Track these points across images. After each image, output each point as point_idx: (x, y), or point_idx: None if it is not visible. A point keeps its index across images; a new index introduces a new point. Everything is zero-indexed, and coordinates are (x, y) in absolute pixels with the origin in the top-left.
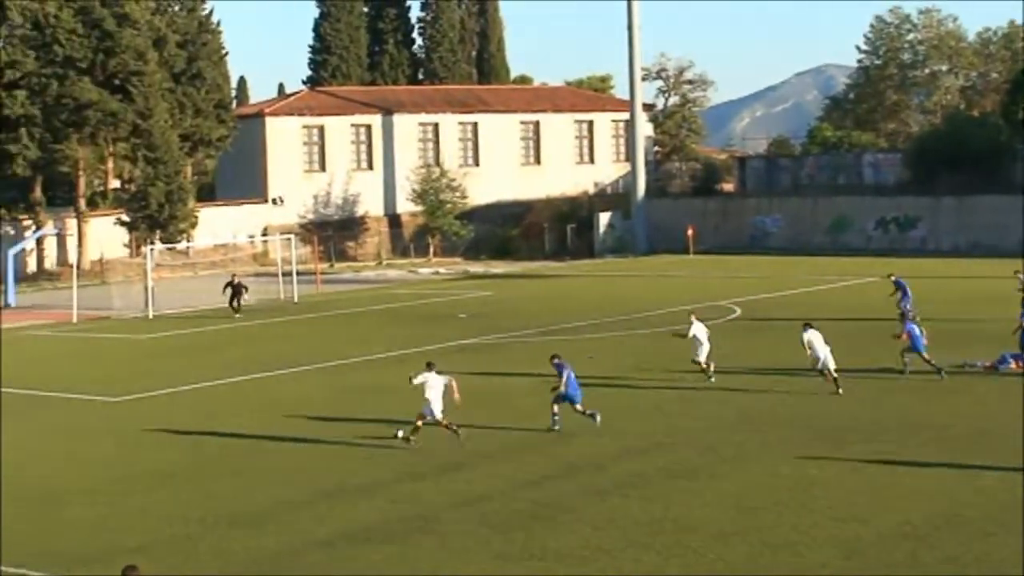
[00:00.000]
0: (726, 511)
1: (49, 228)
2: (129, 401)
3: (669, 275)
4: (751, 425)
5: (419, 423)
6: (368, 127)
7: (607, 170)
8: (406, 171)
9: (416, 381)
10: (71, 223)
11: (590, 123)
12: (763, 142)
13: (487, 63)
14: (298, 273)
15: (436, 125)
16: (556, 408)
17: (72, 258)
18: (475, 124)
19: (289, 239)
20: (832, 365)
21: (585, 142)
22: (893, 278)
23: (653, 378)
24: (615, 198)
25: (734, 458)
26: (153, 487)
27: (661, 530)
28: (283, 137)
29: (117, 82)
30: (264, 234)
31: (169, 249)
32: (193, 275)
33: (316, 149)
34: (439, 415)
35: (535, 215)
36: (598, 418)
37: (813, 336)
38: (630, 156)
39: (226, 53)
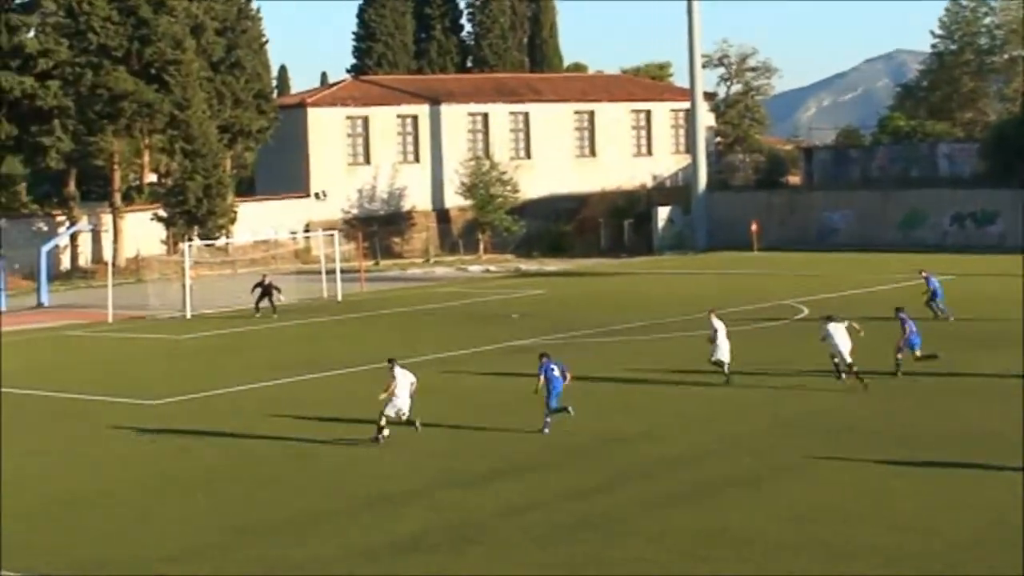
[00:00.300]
0: (785, 522)
1: (83, 224)
2: (166, 404)
3: (731, 273)
4: (810, 430)
5: (383, 423)
6: (415, 118)
7: (666, 162)
8: (455, 164)
9: (396, 378)
10: (106, 219)
11: (648, 113)
12: (831, 132)
13: (539, 50)
14: (341, 271)
15: (486, 115)
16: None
17: (107, 255)
18: (527, 114)
19: (332, 235)
20: (848, 360)
21: (643, 133)
22: (924, 275)
23: (708, 381)
24: (674, 192)
25: (792, 465)
26: (189, 493)
27: (716, 542)
28: (326, 128)
29: (153, 71)
30: (306, 230)
31: (207, 246)
32: (232, 273)
33: (360, 141)
34: (406, 414)
35: (590, 210)
36: (571, 409)
37: (834, 329)
38: (690, 147)
39: (266, 41)
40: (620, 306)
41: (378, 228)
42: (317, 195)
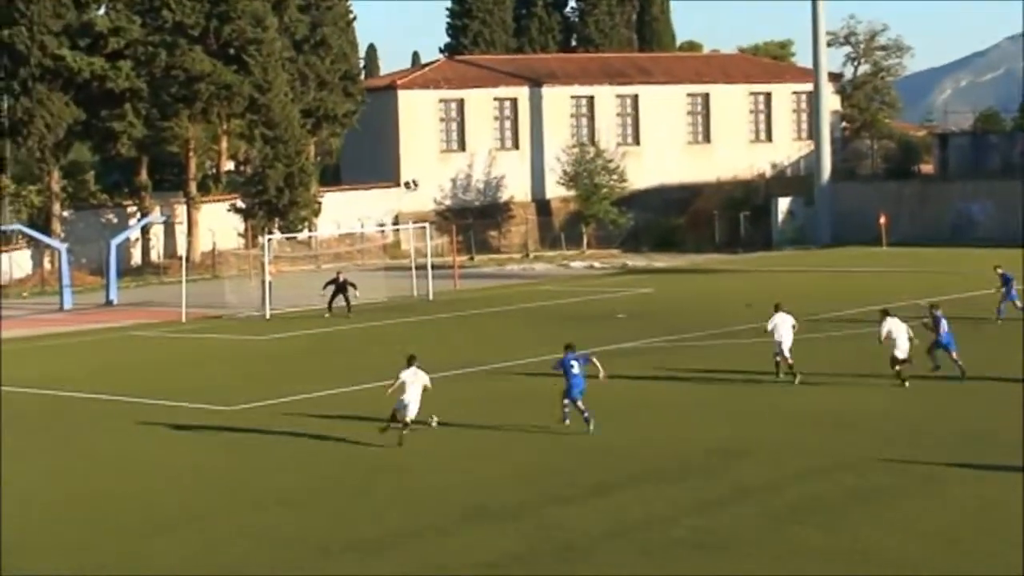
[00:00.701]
0: (921, 541)
1: (156, 215)
2: (243, 410)
3: (857, 270)
4: (944, 440)
5: (392, 423)
6: (514, 101)
7: (786, 149)
8: (556, 151)
9: (402, 378)
10: (180, 210)
11: (767, 95)
12: (968, 116)
13: (649, 28)
14: (433, 267)
15: (591, 98)
16: (566, 400)
17: (181, 249)
18: (635, 97)
19: (423, 228)
20: (901, 355)
21: (761, 117)
22: (1000, 271)
23: (834, 385)
24: (795, 181)
25: (929, 478)
26: (269, 507)
27: (848, 562)
28: (418, 112)
29: (232, 51)
30: (395, 222)
31: (289, 239)
32: (315, 269)
33: (455, 126)
34: (412, 415)
35: (703, 201)
36: (591, 424)
37: (893, 325)
38: (813, 133)
39: (353, 18)
40: (735, 306)
41: (473, 221)
42: (407, 185)
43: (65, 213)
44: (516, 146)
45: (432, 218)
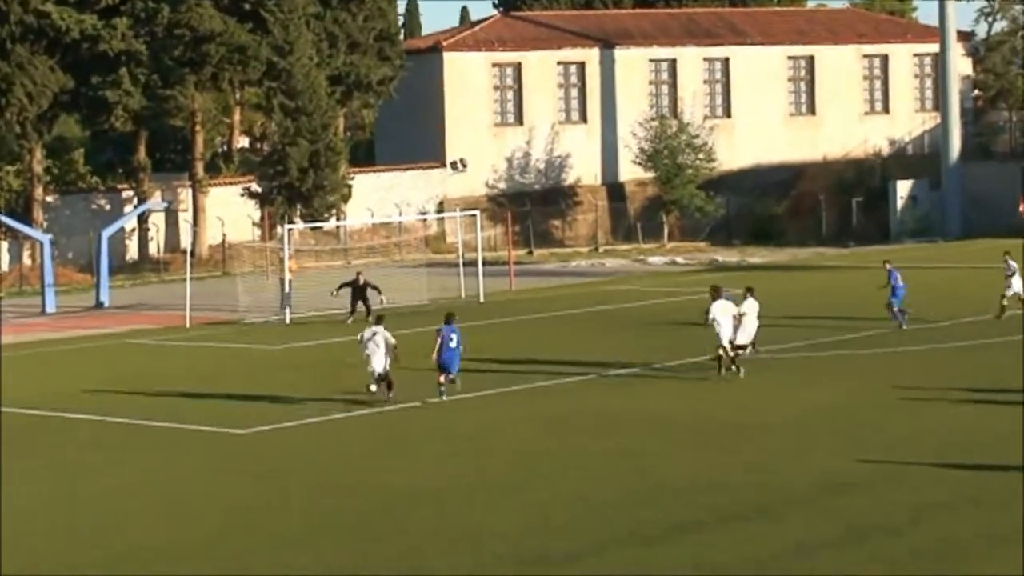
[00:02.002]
0: None
1: (156, 201)
2: (260, 434)
3: (991, 267)
4: None
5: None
6: (581, 65)
7: (907, 122)
8: (632, 125)
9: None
10: (184, 195)
11: (884, 58)
12: None
13: None
14: (485, 263)
15: (673, 62)
16: (441, 378)
17: (185, 242)
18: (726, 60)
19: (473, 217)
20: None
21: (877, 84)
22: (888, 267)
23: (958, 403)
24: (918, 161)
25: None
26: (291, 546)
27: None
28: (467, 79)
29: (247, 6)
30: (440, 210)
31: (313, 230)
32: (345, 264)
33: (511, 95)
34: (381, 370)
35: (807, 184)
36: (444, 396)
37: (719, 307)
38: (939, 103)
39: None
40: (846, 310)
41: (532, 208)
42: (455, 165)
43: (49, 198)
44: (583, 119)
45: (483, 205)
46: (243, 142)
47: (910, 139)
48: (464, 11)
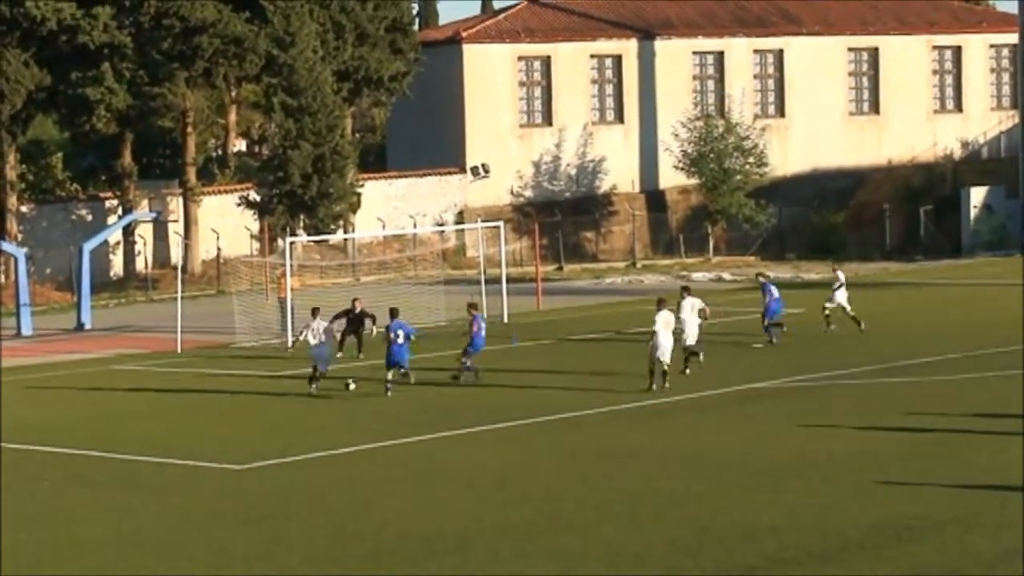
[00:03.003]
0: None
1: (143, 212)
2: (257, 470)
3: None
4: None
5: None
6: (617, 59)
7: (981, 122)
8: (673, 125)
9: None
10: (175, 204)
11: (956, 50)
12: None
13: None
14: (509, 280)
15: (720, 55)
16: (389, 374)
17: (176, 256)
18: (779, 53)
19: (496, 228)
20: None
21: (949, 79)
22: (762, 280)
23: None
24: (994, 165)
25: None
26: None
27: None
28: (489, 74)
29: None
30: (459, 221)
31: (318, 243)
32: (353, 281)
33: (539, 92)
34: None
35: (870, 192)
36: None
37: (661, 318)
38: (1019, 101)
39: None
40: (915, 332)
41: (562, 218)
42: (475, 170)
43: (24, 208)
44: (620, 119)
45: (507, 215)
46: (240, 145)
47: (985, 141)
48: None
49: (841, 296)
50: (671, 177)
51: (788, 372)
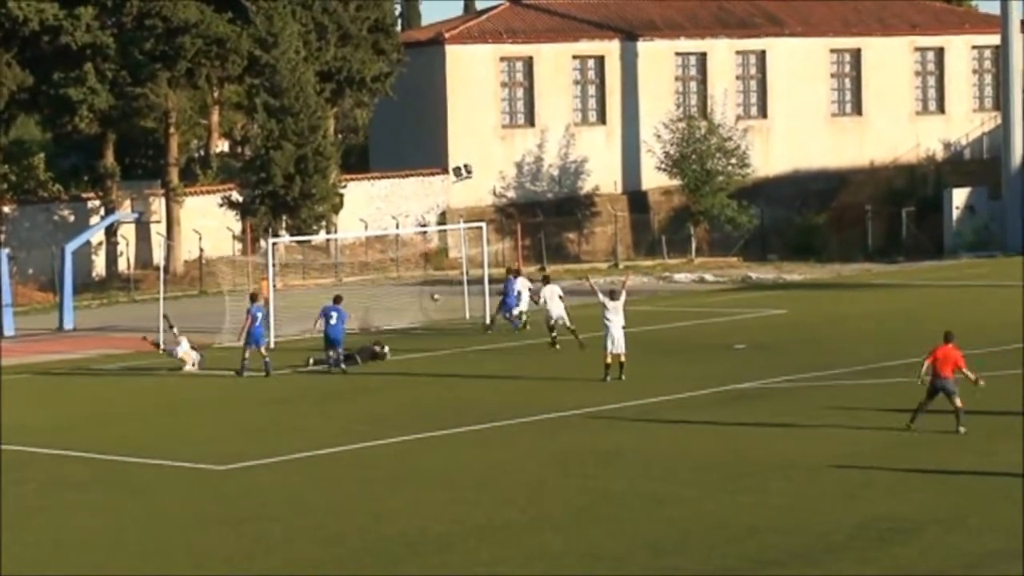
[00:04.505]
0: None
1: (125, 212)
2: (239, 471)
3: None
4: None
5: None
6: (600, 59)
7: (964, 124)
8: (656, 126)
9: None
10: (157, 204)
11: (939, 51)
12: None
13: None
14: (492, 281)
15: (702, 56)
16: (247, 353)
17: (158, 257)
18: (761, 54)
19: (479, 229)
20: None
21: (931, 80)
22: (511, 276)
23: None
24: (977, 167)
25: None
26: None
27: None
28: (472, 75)
29: None
30: (441, 222)
31: (300, 244)
32: (335, 282)
33: (521, 93)
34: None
35: (852, 193)
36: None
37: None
38: (1000, 102)
39: None
40: (897, 333)
41: (544, 219)
42: (458, 171)
43: (5, 209)
44: (602, 120)
45: (490, 216)
46: (222, 146)
47: (967, 142)
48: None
49: (525, 301)
50: (653, 178)
51: (771, 373)
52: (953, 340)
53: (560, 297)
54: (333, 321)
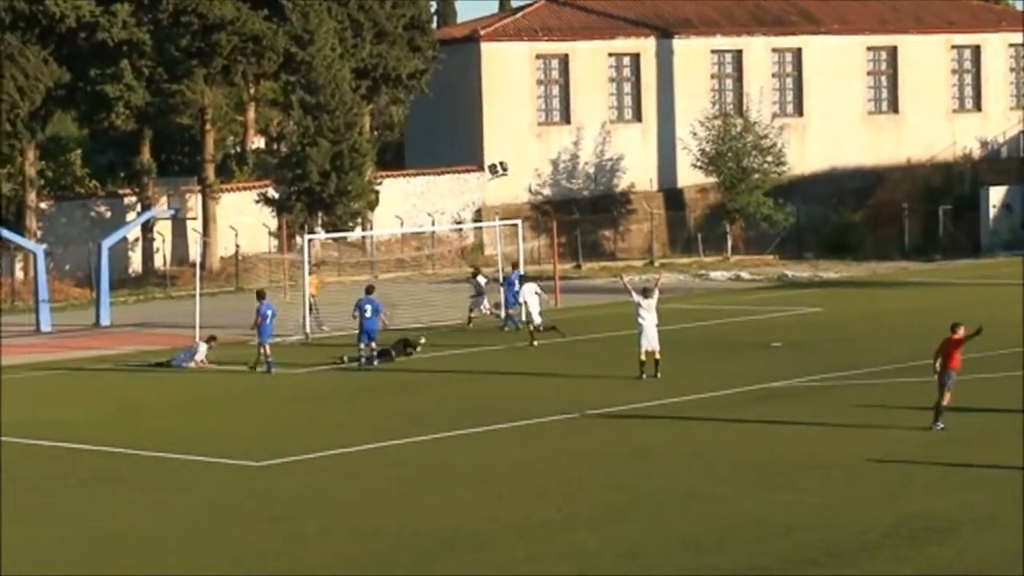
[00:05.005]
0: None
1: (162, 209)
2: (275, 467)
3: None
4: None
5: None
6: (635, 57)
7: (1001, 121)
8: (691, 124)
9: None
10: (193, 201)
11: (975, 49)
12: None
13: None
14: (528, 278)
15: (738, 54)
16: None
17: (194, 253)
18: (798, 52)
19: (515, 226)
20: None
21: (968, 78)
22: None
23: None
24: (1013, 164)
25: None
26: None
27: None
28: (507, 73)
29: None
30: (477, 219)
31: (336, 240)
32: (372, 278)
33: (557, 90)
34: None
35: (889, 191)
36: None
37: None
38: None
39: None
40: (933, 332)
41: (580, 216)
42: (493, 168)
43: (43, 205)
44: (638, 117)
45: (526, 213)
46: (258, 143)
47: (1004, 140)
48: None
49: (488, 303)
50: (689, 175)
51: (807, 371)
52: (959, 331)
53: (537, 294)
54: (368, 314)
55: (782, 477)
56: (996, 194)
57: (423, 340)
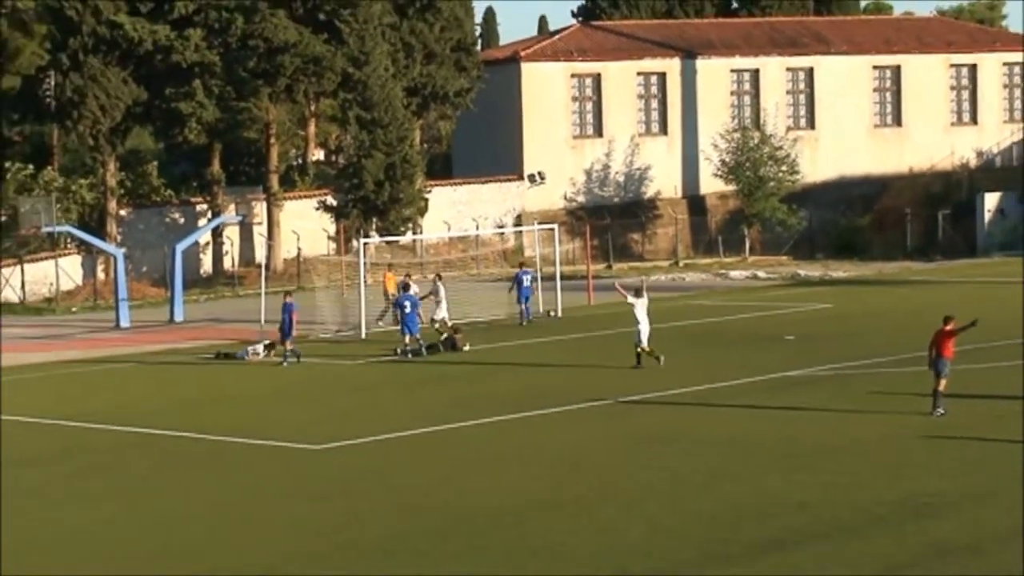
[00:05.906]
0: None
1: (230, 215)
2: (335, 449)
3: None
4: None
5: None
6: (662, 76)
7: (995, 134)
8: (713, 136)
9: None
10: (259, 208)
11: (972, 68)
12: None
13: None
14: (563, 277)
15: (756, 72)
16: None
17: (260, 255)
18: (810, 71)
19: (551, 230)
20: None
21: (965, 94)
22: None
23: None
24: (1007, 173)
25: None
26: (363, 567)
27: None
28: (545, 90)
29: (322, 17)
30: (517, 224)
31: (390, 243)
32: (422, 278)
33: (590, 106)
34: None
35: (893, 197)
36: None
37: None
38: None
39: None
40: (934, 326)
41: (611, 221)
42: (532, 178)
43: (122, 212)
44: (664, 131)
45: (562, 218)
46: (318, 155)
47: (998, 151)
48: (542, 20)
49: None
50: (711, 184)
51: (818, 362)
52: (950, 323)
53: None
54: (408, 310)
55: (798, 458)
56: (991, 200)
57: (467, 347)
